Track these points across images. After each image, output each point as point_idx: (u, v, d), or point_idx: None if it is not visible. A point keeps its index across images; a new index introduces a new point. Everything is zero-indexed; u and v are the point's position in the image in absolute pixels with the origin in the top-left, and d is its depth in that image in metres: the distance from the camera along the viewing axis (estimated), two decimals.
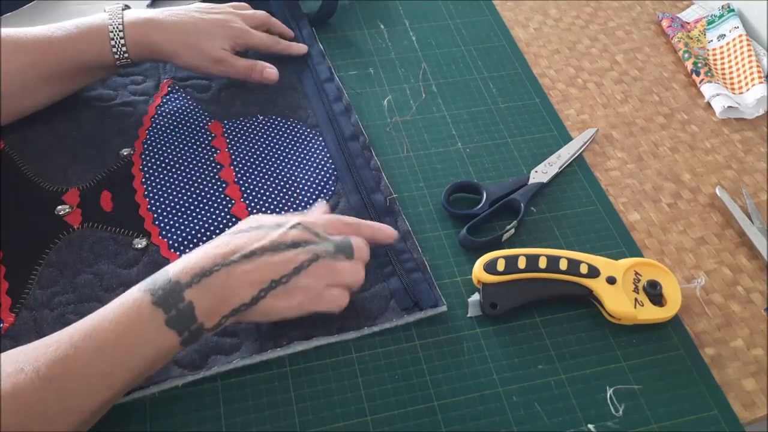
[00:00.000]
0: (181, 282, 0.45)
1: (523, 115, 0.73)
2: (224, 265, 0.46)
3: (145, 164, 0.64)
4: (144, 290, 0.45)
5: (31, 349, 0.42)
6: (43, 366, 0.41)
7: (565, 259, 0.56)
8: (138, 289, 0.45)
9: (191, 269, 0.46)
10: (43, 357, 0.41)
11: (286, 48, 0.74)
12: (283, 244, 0.49)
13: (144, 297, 0.45)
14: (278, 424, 0.49)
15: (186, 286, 0.45)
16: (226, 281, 0.46)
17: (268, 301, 0.48)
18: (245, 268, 0.47)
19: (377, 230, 0.55)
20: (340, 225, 0.54)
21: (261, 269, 0.47)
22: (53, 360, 0.41)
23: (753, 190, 0.67)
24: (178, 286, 0.45)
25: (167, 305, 0.44)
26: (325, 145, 0.67)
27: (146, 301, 0.44)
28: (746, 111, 0.74)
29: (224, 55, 0.67)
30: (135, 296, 0.45)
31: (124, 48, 0.63)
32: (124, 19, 0.63)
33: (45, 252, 0.57)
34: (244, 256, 0.47)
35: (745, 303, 0.59)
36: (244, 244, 0.48)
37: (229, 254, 0.47)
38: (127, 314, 0.44)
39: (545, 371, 0.53)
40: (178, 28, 0.65)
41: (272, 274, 0.48)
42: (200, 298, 0.45)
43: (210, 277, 0.46)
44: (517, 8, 0.86)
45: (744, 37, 0.79)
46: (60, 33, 0.62)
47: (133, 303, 0.44)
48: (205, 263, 0.46)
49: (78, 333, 0.43)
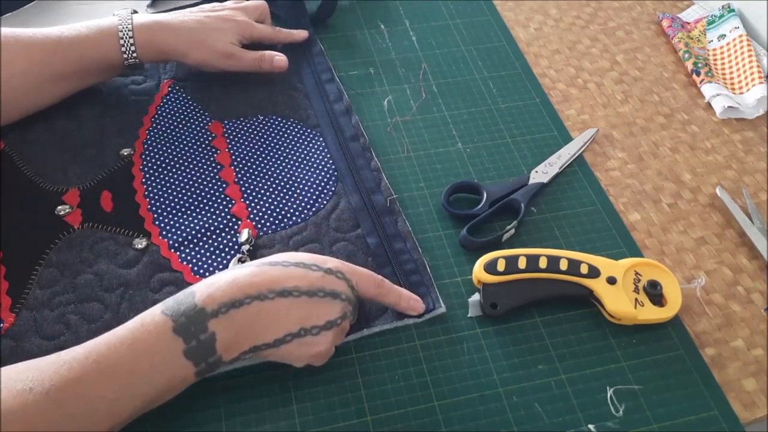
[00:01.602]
0: (207, 310, 0.43)
1: (523, 115, 0.73)
2: (257, 299, 0.44)
3: (145, 164, 0.64)
4: (167, 314, 0.43)
5: (44, 365, 0.41)
6: (53, 388, 0.39)
7: (566, 259, 0.56)
8: (161, 311, 0.43)
9: (219, 297, 0.44)
10: (56, 377, 0.40)
11: (288, 36, 0.75)
12: (322, 291, 0.46)
13: (165, 323, 0.43)
14: (278, 424, 0.49)
15: (211, 316, 0.43)
16: (255, 317, 0.44)
17: (290, 347, 0.46)
18: (278, 307, 0.45)
19: (404, 299, 0.53)
20: (373, 285, 0.51)
21: (294, 313, 0.45)
22: (64, 382, 0.40)
23: (753, 190, 0.67)
24: (203, 314, 0.43)
25: (188, 334, 0.43)
26: (326, 146, 0.67)
27: (167, 328, 0.42)
28: (746, 111, 0.74)
29: (233, 49, 0.69)
30: (156, 320, 0.43)
31: (133, 48, 0.64)
32: (133, 21, 0.64)
33: (45, 252, 0.57)
34: (280, 294, 0.45)
35: (745, 303, 0.59)
36: (280, 279, 0.45)
37: (263, 286, 0.44)
38: (145, 340, 0.42)
39: (545, 371, 0.53)
40: (186, 27, 0.66)
41: (304, 322, 0.45)
42: (224, 331, 0.43)
43: (239, 309, 0.44)
44: (518, 8, 0.86)
45: (744, 37, 0.79)
46: (69, 33, 0.63)
47: (153, 328, 0.43)
48: (236, 293, 0.44)
49: (93, 354, 0.41)
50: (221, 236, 0.59)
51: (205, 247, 0.58)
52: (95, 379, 0.41)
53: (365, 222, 0.61)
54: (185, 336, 0.42)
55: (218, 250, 0.58)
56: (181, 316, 0.43)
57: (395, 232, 0.60)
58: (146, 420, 0.48)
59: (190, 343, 0.43)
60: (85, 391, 0.40)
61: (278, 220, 0.61)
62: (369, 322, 0.54)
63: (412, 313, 0.54)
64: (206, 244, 0.58)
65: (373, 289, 0.51)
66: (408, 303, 0.53)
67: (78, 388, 0.40)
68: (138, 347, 0.42)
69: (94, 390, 0.41)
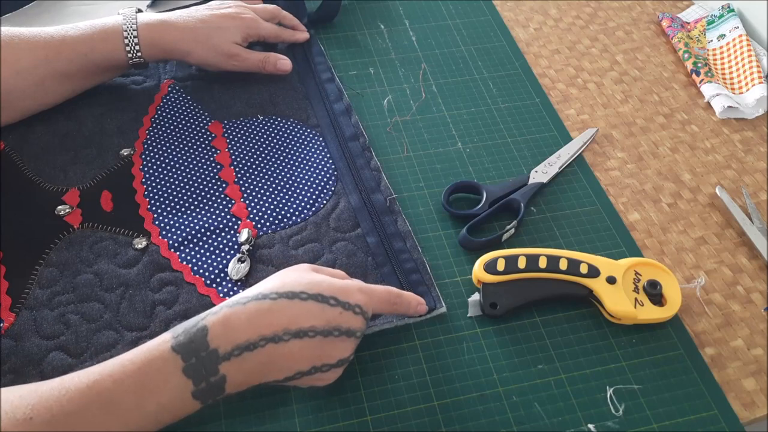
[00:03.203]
0: (220, 353, 0.42)
1: (523, 115, 0.73)
2: (271, 341, 0.43)
3: (145, 164, 0.64)
4: (176, 350, 0.41)
5: (46, 392, 0.39)
6: (53, 419, 0.38)
7: (565, 259, 0.56)
8: (170, 346, 0.42)
9: (233, 339, 0.42)
10: (57, 407, 0.39)
11: (291, 36, 0.75)
12: (338, 330, 0.45)
13: (175, 362, 0.41)
14: (278, 424, 0.49)
15: (224, 359, 0.42)
16: (267, 359, 0.43)
17: (299, 381, 0.46)
18: (292, 350, 0.43)
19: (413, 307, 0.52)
20: (388, 304, 0.50)
21: (307, 354, 0.44)
22: (66, 414, 0.39)
23: (753, 190, 0.67)
24: (215, 356, 0.41)
25: (199, 377, 0.41)
26: (326, 145, 0.67)
27: (177, 368, 0.41)
28: (746, 111, 0.74)
29: (237, 49, 0.68)
30: (165, 357, 0.41)
31: (137, 47, 0.64)
32: (138, 20, 0.64)
33: (45, 252, 0.57)
34: (295, 335, 0.43)
35: (745, 303, 0.59)
36: (298, 318, 0.44)
37: (279, 327, 0.43)
38: (153, 377, 0.41)
39: (545, 371, 0.53)
40: (190, 26, 0.66)
41: (316, 362, 0.45)
42: (235, 373, 0.42)
43: (253, 353, 0.42)
44: (517, 8, 0.87)
45: (744, 37, 0.79)
46: (74, 32, 0.63)
47: (162, 365, 0.41)
48: (251, 335, 0.42)
49: (97, 386, 0.40)
50: (221, 236, 0.59)
51: (205, 246, 0.58)
52: (97, 414, 0.39)
53: (365, 221, 0.61)
54: (195, 378, 0.41)
55: (218, 250, 0.58)
56: (191, 356, 0.41)
57: (395, 232, 0.60)
58: None
59: (199, 385, 0.41)
60: (86, 424, 0.39)
61: (278, 220, 0.61)
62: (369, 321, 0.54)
63: (419, 314, 0.54)
64: (206, 243, 0.58)
65: (388, 307, 0.51)
66: (416, 309, 0.53)
67: (79, 421, 0.39)
68: (145, 383, 0.40)
69: (95, 423, 0.39)
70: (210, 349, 0.41)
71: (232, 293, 0.55)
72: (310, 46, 0.77)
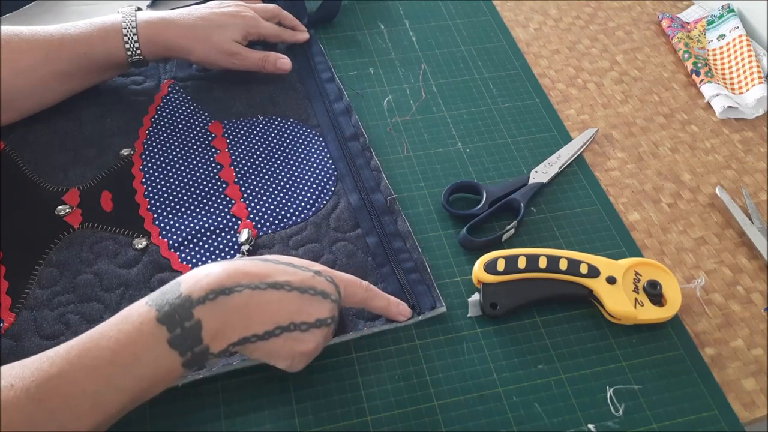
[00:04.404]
0: (192, 298, 0.42)
1: (523, 115, 0.73)
2: (248, 287, 0.43)
3: (145, 164, 0.64)
4: (150, 304, 0.42)
5: (28, 362, 0.40)
6: (33, 384, 0.38)
7: (565, 259, 0.56)
8: (145, 302, 0.42)
9: (207, 284, 0.42)
10: (37, 373, 0.39)
11: (291, 36, 0.76)
12: (312, 289, 0.45)
13: (149, 312, 0.41)
14: (278, 424, 0.49)
15: (198, 303, 0.42)
16: (245, 305, 0.43)
17: (278, 342, 0.45)
18: (269, 299, 0.44)
19: (393, 304, 0.52)
20: (361, 289, 0.50)
21: (285, 306, 0.44)
22: (45, 378, 0.39)
23: (753, 190, 0.67)
24: (188, 302, 0.42)
25: (172, 323, 0.41)
26: (325, 145, 0.67)
27: (150, 317, 0.41)
28: (746, 111, 0.74)
29: (237, 48, 0.68)
30: (139, 310, 0.42)
31: (137, 45, 0.64)
32: (137, 18, 0.64)
33: (45, 252, 0.57)
34: (272, 286, 0.44)
35: (745, 303, 0.59)
36: (272, 273, 0.45)
37: (255, 277, 0.43)
38: (128, 330, 0.41)
39: (545, 371, 0.53)
40: (190, 24, 0.66)
41: (294, 317, 0.45)
42: (210, 318, 0.42)
43: (229, 297, 0.42)
44: (517, 8, 0.87)
45: (744, 37, 0.79)
46: (73, 30, 0.63)
47: (137, 318, 0.41)
48: (226, 281, 0.43)
49: (76, 348, 0.40)
50: (221, 236, 0.59)
51: (205, 247, 0.58)
52: (76, 373, 0.39)
53: (365, 221, 0.61)
54: (169, 324, 0.41)
55: (218, 250, 0.58)
56: (165, 304, 0.41)
57: (395, 231, 0.60)
58: (146, 420, 0.48)
59: (174, 331, 0.41)
60: (66, 386, 0.39)
61: (278, 220, 0.61)
62: (369, 321, 0.54)
63: (401, 319, 0.53)
64: (206, 244, 0.58)
65: (361, 292, 0.50)
66: (397, 308, 0.53)
67: (58, 383, 0.39)
68: (120, 338, 0.41)
69: (74, 384, 0.39)
70: (183, 296, 0.42)
71: None
72: (310, 46, 0.77)
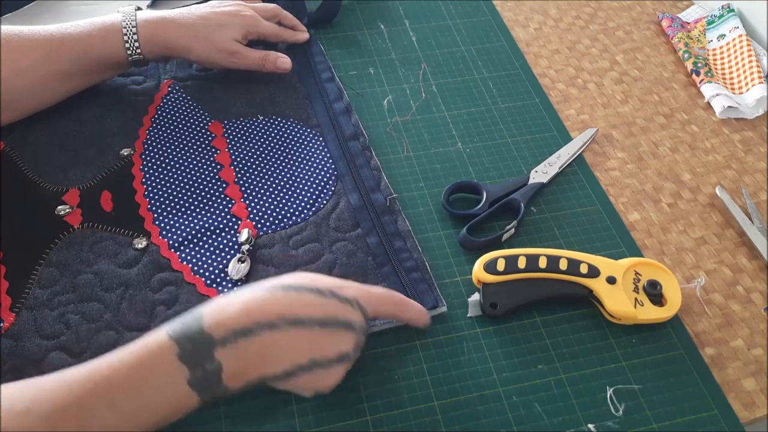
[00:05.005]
0: (215, 338, 0.41)
1: (523, 115, 0.73)
2: (267, 328, 0.42)
3: (145, 164, 0.64)
4: (172, 338, 0.41)
5: (46, 384, 0.39)
6: (51, 412, 0.38)
7: (565, 259, 0.56)
8: (166, 334, 0.41)
9: (229, 325, 0.42)
10: (55, 399, 0.38)
11: (292, 36, 0.76)
12: (335, 321, 0.44)
13: (170, 348, 0.41)
14: (278, 424, 0.49)
15: (219, 344, 0.41)
16: (264, 348, 0.42)
17: (299, 380, 0.44)
18: (288, 338, 0.42)
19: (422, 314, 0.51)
20: (391, 305, 0.49)
21: (305, 344, 0.43)
22: (63, 405, 0.38)
23: (753, 190, 0.67)
24: (210, 342, 0.41)
25: (194, 363, 0.40)
26: (325, 145, 0.67)
27: (172, 354, 0.40)
28: (746, 111, 0.74)
29: (237, 47, 0.68)
30: (161, 344, 0.41)
31: (137, 44, 0.64)
32: (137, 17, 0.64)
33: (45, 252, 0.57)
34: (291, 323, 0.42)
35: (745, 303, 0.59)
36: (293, 307, 0.43)
37: (274, 314, 0.42)
38: (149, 364, 0.40)
39: (545, 371, 0.53)
40: (190, 23, 0.66)
41: (314, 354, 0.43)
42: (231, 361, 0.41)
43: (248, 339, 0.41)
44: (517, 8, 0.87)
45: (744, 37, 0.79)
46: (73, 30, 0.63)
47: (158, 351, 0.40)
48: (246, 321, 0.42)
49: (95, 375, 0.40)
50: (221, 236, 0.59)
51: (205, 246, 0.58)
52: (95, 404, 0.39)
53: (365, 221, 0.61)
54: (190, 364, 0.41)
55: (218, 250, 0.58)
56: (187, 341, 0.41)
57: (395, 231, 0.60)
58: None
59: (195, 372, 0.41)
60: (85, 417, 0.39)
61: (278, 220, 0.61)
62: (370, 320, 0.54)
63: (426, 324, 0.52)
64: (206, 243, 0.58)
65: (391, 308, 0.49)
66: (422, 319, 0.52)
67: (77, 413, 0.39)
68: (140, 372, 0.40)
69: (93, 416, 0.39)
70: (205, 334, 0.41)
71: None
72: (310, 46, 0.77)
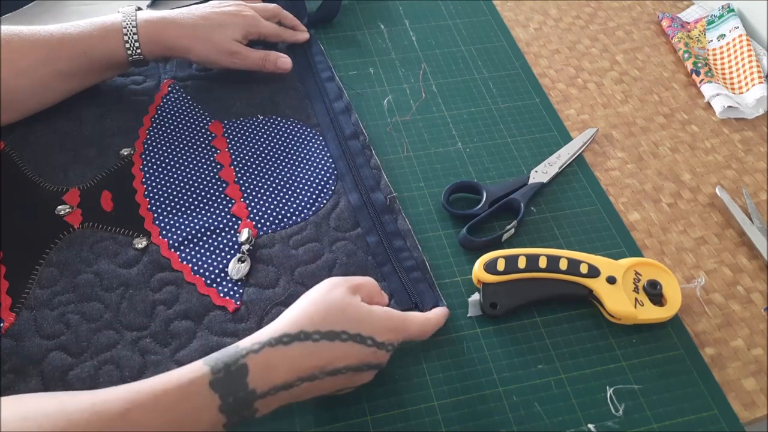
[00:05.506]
0: (257, 392, 0.42)
1: (523, 115, 0.73)
2: (307, 380, 0.44)
3: (145, 164, 0.64)
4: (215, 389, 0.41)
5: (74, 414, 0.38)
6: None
7: (565, 259, 0.56)
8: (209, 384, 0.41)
9: (273, 380, 0.43)
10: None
11: (292, 36, 0.76)
12: (368, 365, 0.47)
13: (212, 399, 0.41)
14: (278, 424, 0.49)
15: (260, 397, 0.42)
16: (299, 394, 0.45)
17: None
18: (322, 385, 0.45)
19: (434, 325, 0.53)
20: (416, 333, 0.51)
21: (334, 385, 0.46)
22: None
23: (753, 190, 0.67)
24: (252, 396, 0.42)
25: (233, 413, 0.41)
26: (325, 145, 0.67)
27: (213, 404, 0.41)
28: (746, 111, 0.74)
29: (237, 47, 0.69)
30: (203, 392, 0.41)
31: (137, 44, 0.64)
32: (137, 17, 0.64)
33: (45, 252, 0.57)
34: (330, 374, 0.45)
35: (745, 303, 0.59)
36: (335, 360, 0.45)
37: (317, 370, 0.44)
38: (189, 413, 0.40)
39: (545, 371, 0.53)
40: (190, 23, 0.66)
41: (340, 386, 0.47)
42: (266, 407, 0.43)
43: (289, 391, 0.44)
44: (517, 8, 0.87)
45: (744, 37, 0.79)
46: (73, 30, 0.63)
47: (199, 401, 0.40)
48: (290, 377, 0.43)
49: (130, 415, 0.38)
50: (221, 236, 0.59)
51: (205, 246, 0.58)
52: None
53: (365, 220, 0.61)
54: (229, 414, 0.41)
55: (218, 250, 0.58)
56: (229, 395, 0.41)
57: (395, 230, 0.60)
58: None
59: (232, 419, 0.42)
60: None
61: (278, 220, 0.61)
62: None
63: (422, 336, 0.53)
64: (206, 243, 0.58)
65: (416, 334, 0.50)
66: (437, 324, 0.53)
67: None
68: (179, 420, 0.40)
69: None
70: (249, 390, 0.42)
71: (232, 293, 0.55)
72: (310, 46, 0.77)
